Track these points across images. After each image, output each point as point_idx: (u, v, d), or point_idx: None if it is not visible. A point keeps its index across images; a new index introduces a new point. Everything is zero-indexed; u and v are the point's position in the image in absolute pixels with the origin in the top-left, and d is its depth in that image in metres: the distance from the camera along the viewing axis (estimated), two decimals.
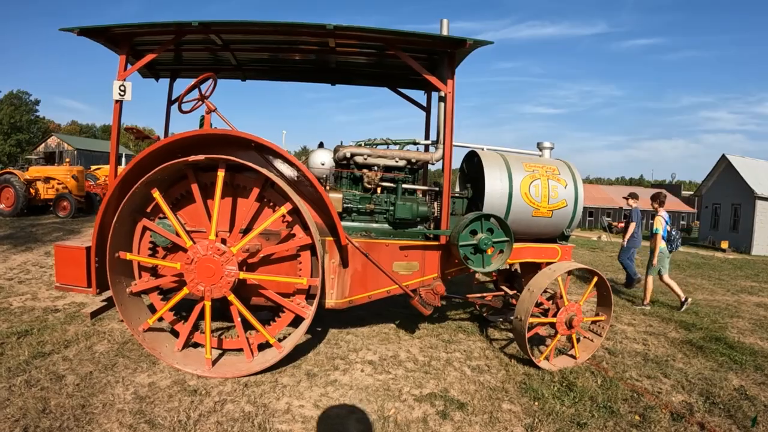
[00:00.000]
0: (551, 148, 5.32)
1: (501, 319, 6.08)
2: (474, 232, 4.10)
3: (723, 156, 25.73)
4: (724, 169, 25.93)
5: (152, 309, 4.31)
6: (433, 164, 4.46)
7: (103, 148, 46.39)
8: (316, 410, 3.48)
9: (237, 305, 3.96)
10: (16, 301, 5.88)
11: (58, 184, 15.82)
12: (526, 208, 4.72)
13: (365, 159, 4.33)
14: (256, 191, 3.97)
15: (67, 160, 17.35)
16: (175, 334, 4.31)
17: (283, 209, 3.88)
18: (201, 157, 3.75)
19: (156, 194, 3.91)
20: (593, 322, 5.03)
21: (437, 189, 4.53)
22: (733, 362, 5.02)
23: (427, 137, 5.57)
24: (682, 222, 44.02)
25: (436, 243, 4.38)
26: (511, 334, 5.67)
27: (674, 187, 50.14)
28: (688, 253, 17.61)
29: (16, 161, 36.49)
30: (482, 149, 4.85)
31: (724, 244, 23.01)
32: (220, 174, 3.87)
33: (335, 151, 4.45)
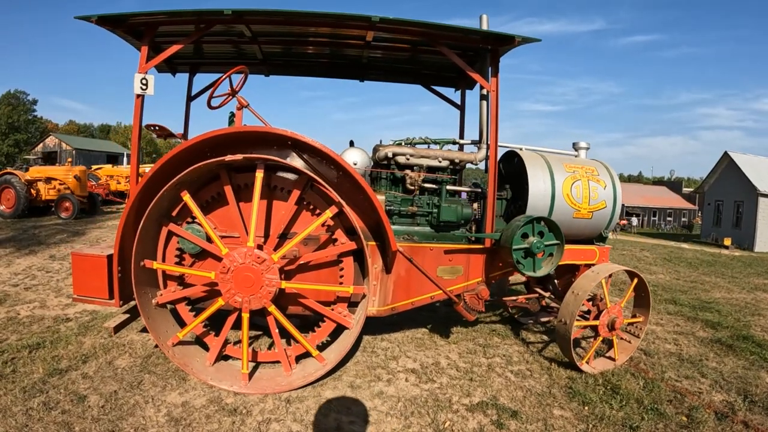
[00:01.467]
0: (587, 149, 5.17)
1: (532, 321, 5.94)
2: (524, 236, 3.94)
3: (725, 153, 25.76)
4: (727, 166, 25.96)
5: (178, 320, 4.02)
6: (476, 165, 4.30)
7: (102, 147, 45.82)
8: (368, 426, 3.31)
9: (278, 316, 3.73)
10: (24, 309, 5.55)
11: (60, 184, 15.50)
12: (568, 210, 4.58)
13: (408, 159, 4.16)
14: (296, 193, 3.73)
15: (69, 159, 16.97)
16: (203, 346, 4.04)
17: (329, 212, 3.68)
18: (239, 156, 3.50)
19: (186, 197, 3.61)
20: (630, 324, 4.92)
21: (479, 190, 4.36)
22: (764, 360, 5.05)
23: (461, 136, 5.40)
24: (683, 219, 44.19)
25: (481, 246, 4.22)
26: (545, 336, 5.54)
27: (675, 184, 50.33)
28: (695, 251, 17.58)
29: (14, 161, 35.89)
30: (521, 149, 4.69)
31: (727, 241, 23.05)
32: (259, 175, 3.60)
33: (374, 150, 4.27)
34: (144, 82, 3.93)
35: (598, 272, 4.44)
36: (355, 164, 4.55)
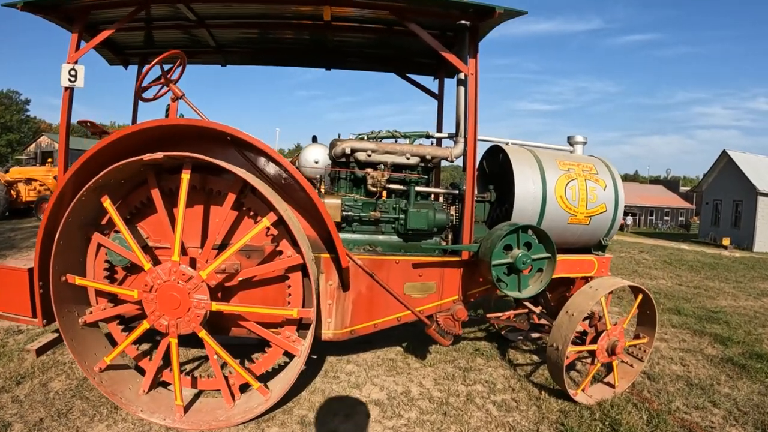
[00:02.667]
0: (584, 143, 4.49)
1: (521, 338, 5.26)
2: (508, 248, 3.24)
3: (724, 152, 25.11)
4: (725, 164, 25.31)
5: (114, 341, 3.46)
6: (452, 161, 3.60)
7: None
8: None
9: (210, 343, 3.11)
10: None
11: (40, 185, 14.82)
12: (562, 215, 3.89)
13: (369, 155, 3.47)
14: (231, 197, 3.11)
15: (49, 160, 16.29)
16: (141, 371, 3.45)
17: (266, 221, 3.03)
18: (159, 155, 2.88)
19: (106, 203, 3.05)
20: (632, 345, 4.25)
21: (456, 192, 3.68)
22: None
23: (439, 130, 4.71)
24: (680, 218, 43.50)
25: (457, 259, 3.53)
26: (535, 356, 4.86)
27: (672, 183, 49.59)
28: (695, 252, 16.92)
29: (7, 161, 35.22)
30: (506, 143, 4.00)
31: (726, 241, 22.39)
32: (185, 176, 3.01)
33: (332, 145, 3.58)
34: (73, 73, 3.45)
35: (596, 288, 3.76)
36: (316, 162, 3.88)
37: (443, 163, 3.94)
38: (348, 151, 3.46)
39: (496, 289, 3.31)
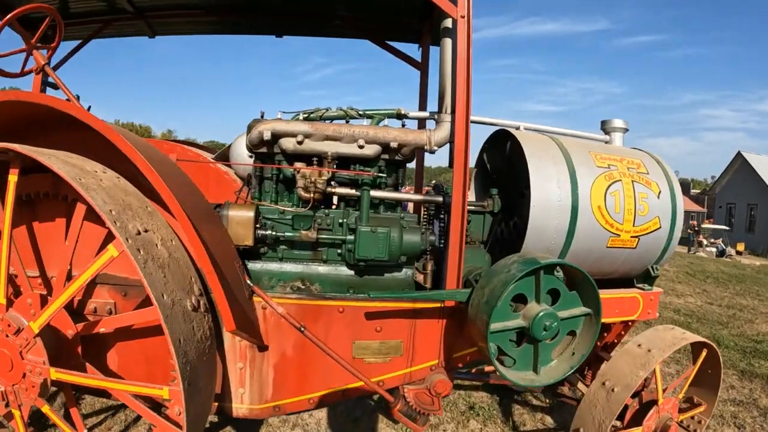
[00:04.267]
0: (624, 131, 3.11)
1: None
2: (518, 297, 1.85)
3: (738, 153, 23.34)
4: (739, 167, 23.54)
5: None
6: (431, 151, 2.23)
7: None
8: None
9: (54, 420, 1.91)
10: None
11: None
12: (600, 234, 2.53)
13: (300, 143, 2.12)
14: (81, 209, 1.90)
15: None
16: None
17: (112, 249, 1.74)
18: None
19: None
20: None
21: (440, 199, 2.31)
22: None
23: (423, 108, 3.34)
24: (691, 221, 41.27)
25: (437, 305, 2.17)
26: (549, 419, 3.51)
27: (683, 185, 47.08)
28: (716, 261, 15.32)
29: None
30: (517, 128, 2.64)
31: (740, 246, 20.66)
32: (11, 178, 1.87)
33: (248, 129, 2.25)
34: None
35: (649, 349, 2.40)
36: (252, 157, 2.55)
37: (427, 159, 2.58)
38: (267, 136, 2.12)
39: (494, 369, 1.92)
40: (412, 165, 2.60)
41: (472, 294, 1.90)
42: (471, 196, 2.83)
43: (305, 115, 2.32)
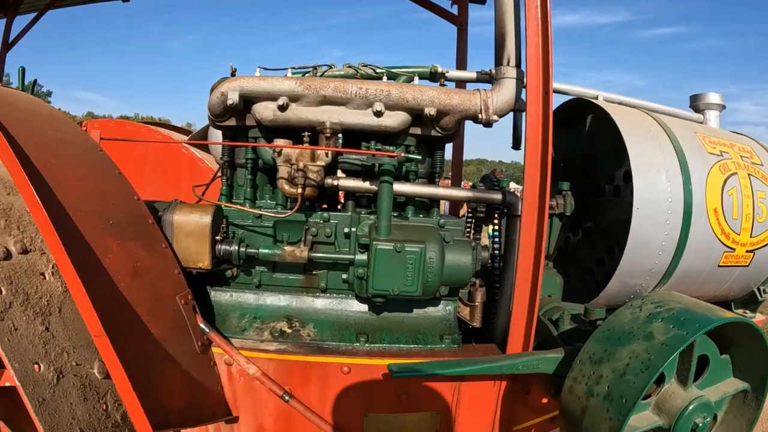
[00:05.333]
0: (722, 108, 2.30)
1: None
2: (659, 380, 1.05)
3: None
4: None
5: None
6: (488, 122, 1.42)
7: None
8: None
9: None
10: None
11: None
12: (714, 248, 1.74)
13: (282, 109, 1.32)
14: None
15: None
16: None
17: None
18: None
19: None
20: None
21: (498, 196, 1.49)
22: None
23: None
24: None
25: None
26: None
27: None
28: None
29: None
30: (595, 98, 1.84)
31: None
32: None
33: (211, 91, 1.46)
34: None
35: None
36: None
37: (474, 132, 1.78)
38: (234, 99, 1.29)
39: None
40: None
41: (573, 368, 1.09)
42: None
43: (297, 70, 1.51)
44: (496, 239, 1.57)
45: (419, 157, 1.36)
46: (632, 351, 0.99)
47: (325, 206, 1.60)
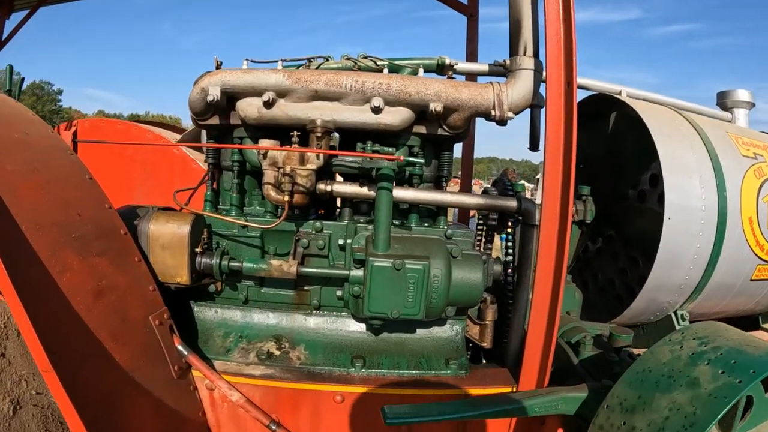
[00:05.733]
0: (751, 106, 2.11)
1: None
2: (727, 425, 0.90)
3: None
4: None
5: None
6: (502, 120, 1.27)
7: None
8: None
9: None
10: None
11: None
12: (748, 260, 1.57)
13: (268, 105, 1.17)
14: None
15: None
16: None
17: None
18: None
19: None
20: None
21: (513, 204, 1.33)
22: None
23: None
24: None
25: (508, 388, 1.23)
26: None
27: None
28: None
29: None
30: (619, 93, 1.66)
31: None
32: None
33: (194, 83, 1.32)
34: None
35: None
36: None
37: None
38: (215, 95, 1.15)
39: None
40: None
41: (599, 413, 0.92)
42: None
43: (287, 62, 1.36)
44: (509, 247, 1.40)
45: (422, 161, 1.20)
46: (673, 401, 0.83)
47: (322, 212, 1.45)
